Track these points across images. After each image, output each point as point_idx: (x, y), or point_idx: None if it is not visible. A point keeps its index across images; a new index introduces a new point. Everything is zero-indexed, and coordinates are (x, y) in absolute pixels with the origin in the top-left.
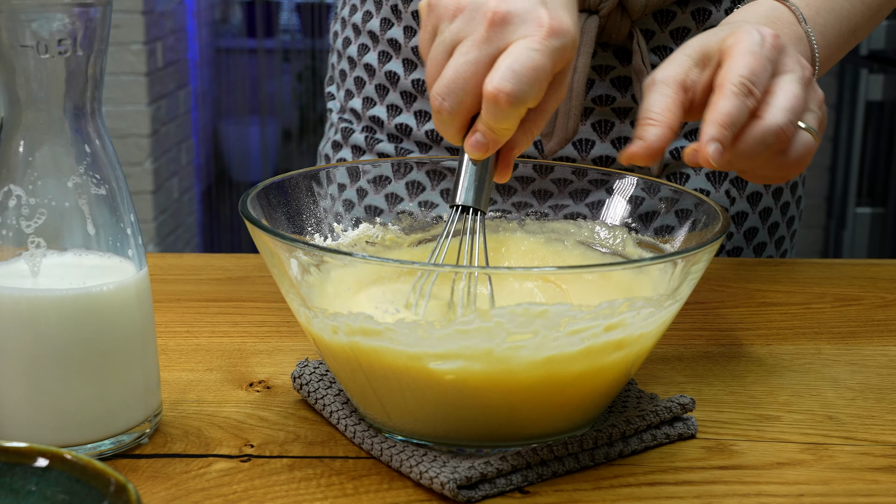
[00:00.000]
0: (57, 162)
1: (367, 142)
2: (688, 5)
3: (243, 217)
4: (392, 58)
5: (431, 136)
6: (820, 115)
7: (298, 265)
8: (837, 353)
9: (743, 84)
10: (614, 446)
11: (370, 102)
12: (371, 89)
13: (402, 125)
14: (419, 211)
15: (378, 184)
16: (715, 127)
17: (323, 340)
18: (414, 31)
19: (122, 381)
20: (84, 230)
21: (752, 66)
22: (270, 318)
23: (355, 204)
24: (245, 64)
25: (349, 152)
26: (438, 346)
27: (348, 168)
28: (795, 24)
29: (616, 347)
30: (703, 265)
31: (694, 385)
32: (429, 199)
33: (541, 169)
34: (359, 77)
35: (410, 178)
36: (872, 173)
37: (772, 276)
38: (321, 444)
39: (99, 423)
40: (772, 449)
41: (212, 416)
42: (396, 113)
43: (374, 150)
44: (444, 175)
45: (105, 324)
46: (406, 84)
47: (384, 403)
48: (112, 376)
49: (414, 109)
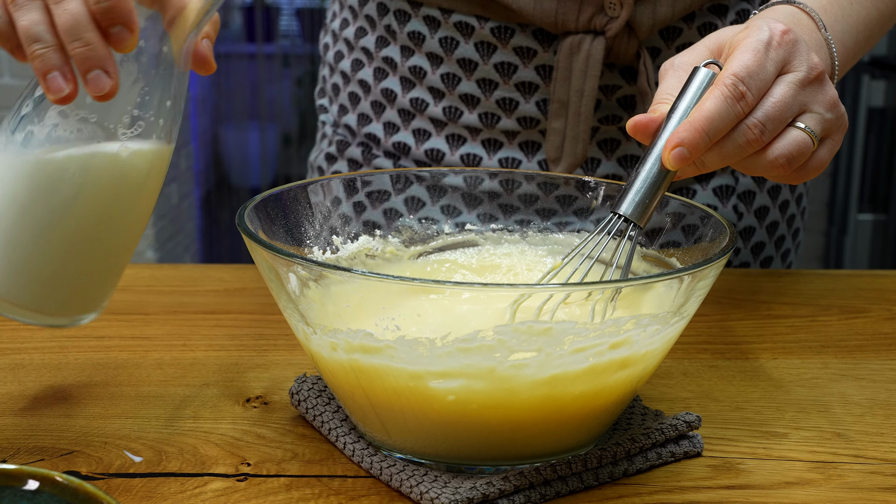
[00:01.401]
0: None
1: (364, 156)
2: (694, 20)
3: (240, 230)
4: (388, 75)
5: (431, 155)
6: (829, 116)
7: (297, 280)
8: (844, 367)
9: (734, 86)
10: (619, 465)
11: (366, 119)
12: (367, 106)
13: (400, 143)
14: (419, 225)
15: (375, 198)
16: (689, 130)
17: (322, 357)
18: (411, 51)
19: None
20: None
21: (749, 66)
22: (268, 331)
23: (353, 217)
24: (245, 69)
25: (345, 165)
26: (439, 364)
27: (345, 180)
28: (815, 30)
29: (621, 366)
30: (710, 281)
31: (699, 401)
32: (429, 215)
33: (545, 186)
34: (353, 93)
35: (410, 194)
36: (874, 180)
37: (777, 288)
38: (319, 463)
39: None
40: (779, 468)
41: (208, 434)
42: (394, 131)
43: (371, 164)
44: (446, 191)
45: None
46: (404, 102)
47: (384, 421)
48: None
49: (413, 128)
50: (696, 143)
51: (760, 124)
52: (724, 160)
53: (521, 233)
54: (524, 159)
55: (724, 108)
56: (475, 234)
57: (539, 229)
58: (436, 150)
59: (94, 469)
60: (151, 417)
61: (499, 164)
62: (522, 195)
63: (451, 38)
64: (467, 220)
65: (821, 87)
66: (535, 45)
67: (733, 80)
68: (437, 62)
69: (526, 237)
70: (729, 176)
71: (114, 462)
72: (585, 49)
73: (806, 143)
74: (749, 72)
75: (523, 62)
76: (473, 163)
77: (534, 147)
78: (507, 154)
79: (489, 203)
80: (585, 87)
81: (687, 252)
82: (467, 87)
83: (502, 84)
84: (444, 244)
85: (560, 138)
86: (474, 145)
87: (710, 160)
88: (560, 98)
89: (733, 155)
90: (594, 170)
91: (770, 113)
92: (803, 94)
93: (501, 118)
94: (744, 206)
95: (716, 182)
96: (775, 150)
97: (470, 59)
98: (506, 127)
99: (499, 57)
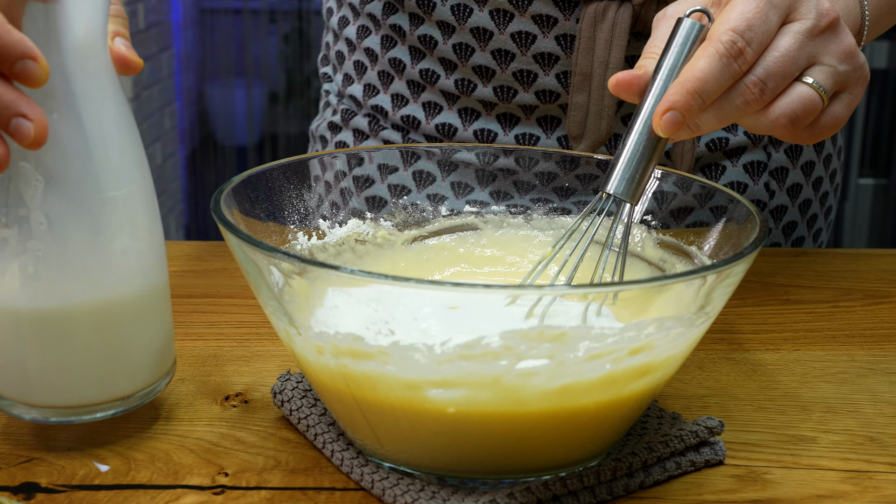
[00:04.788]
0: None
1: (371, 127)
2: None
3: (214, 217)
4: (396, 44)
5: (442, 130)
6: (842, 68)
7: (279, 272)
8: (872, 360)
9: (732, 42)
10: (634, 477)
11: (372, 90)
12: (373, 76)
13: (409, 117)
14: (413, 208)
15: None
16: (681, 93)
17: (307, 361)
18: (420, 18)
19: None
20: None
21: (749, 18)
22: (250, 317)
23: (348, 197)
24: (230, 25)
25: (350, 136)
26: (438, 373)
27: (348, 155)
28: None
29: (641, 373)
30: (737, 279)
31: (718, 399)
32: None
33: (564, 163)
34: (359, 61)
35: (418, 167)
36: (875, 144)
37: (794, 270)
38: (304, 473)
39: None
40: (809, 478)
41: (182, 438)
42: (402, 104)
43: (378, 136)
44: (457, 166)
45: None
46: (413, 73)
47: (376, 430)
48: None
49: (422, 101)
50: (689, 105)
51: (760, 82)
52: (721, 122)
53: (524, 216)
54: (542, 136)
55: (720, 67)
56: (475, 217)
57: (546, 212)
58: (448, 124)
59: (55, 480)
60: (120, 419)
61: (515, 140)
62: (539, 173)
63: (464, 5)
64: (478, 198)
65: (833, 36)
66: (556, 12)
67: (731, 35)
68: (449, 31)
69: (530, 220)
70: (761, 151)
71: (77, 471)
72: (611, 17)
73: (813, 100)
74: (749, 24)
75: (542, 31)
76: (488, 139)
77: (553, 123)
78: (525, 130)
79: (503, 180)
80: (611, 58)
81: (711, 237)
82: (481, 59)
83: (519, 55)
84: (441, 228)
85: (583, 114)
86: (489, 120)
87: (706, 122)
88: (583, 70)
89: (731, 116)
90: (618, 146)
91: (772, 69)
92: (811, 45)
93: (518, 92)
94: (776, 184)
95: (746, 158)
96: (776, 109)
97: (484, 29)
98: (523, 101)
99: (516, 26)
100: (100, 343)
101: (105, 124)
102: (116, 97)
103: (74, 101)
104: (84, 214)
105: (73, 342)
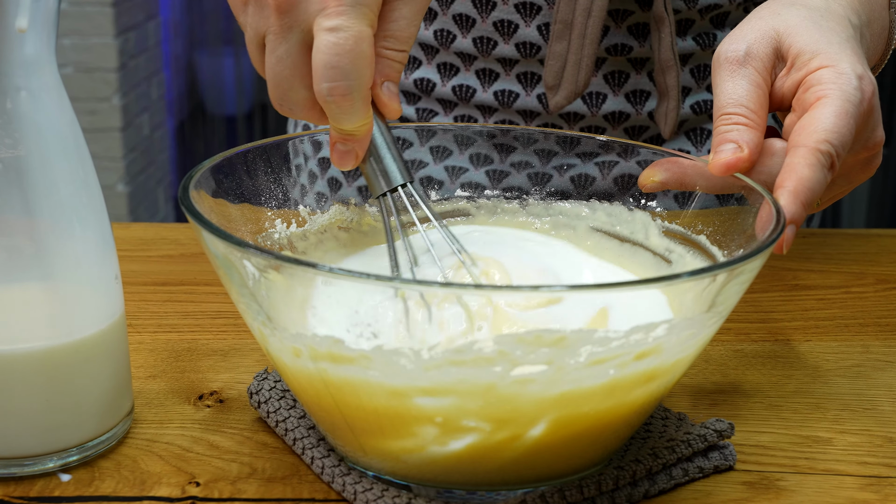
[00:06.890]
0: None
1: None
2: None
3: (182, 207)
4: None
5: (459, 93)
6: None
7: (253, 266)
8: (888, 350)
9: (829, 154)
10: (639, 486)
11: None
12: None
13: (423, 80)
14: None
15: None
16: (796, 204)
17: (283, 363)
18: None
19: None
20: None
21: (843, 133)
22: (228, 306)
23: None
24: None
25: None
26: (426, 379)
27: (322, 138)
28: (885, 8)
29: (647, 379)
30: (753, 274)
31: (726, 396)
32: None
33: (564, 142)
34: None
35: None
36: None
37: (802, 252)
38: (282, 482)
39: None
40: (826, 485)
41: (150, 443)
42: (414, 66)
43: None
44: (474, 140)
45: None
46: (427, 35)
47: (358, 436)
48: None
49: (437, 62)
50: (801, 217)
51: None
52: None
53: (520, 201)
54: (522, 92)
55: (821, 177)
56: (466, 202)
57: (542, 196)
58: (426, 79)
59: (11, 492)
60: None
61: (494, 97)
62: (541, 150)
63: None
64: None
65: (868, 164)
66: None
67: (829, 149)
68: None
69: (526, 206)
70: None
71: (36, 481)
72: None
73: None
74: (843, 142)
75: None
76: (466, 95)
77: (533, 79)
78: (504, 86)
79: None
80: (594, 6)
81: (722, 224)
82: (461, 6)
83: (500, 3)
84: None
85: (560, 63)
86: (468, 76)
87: None
88: (564, 18)
89: None
90: (599, 105)
91: (836, 196)
92: (856, 172)
93: (498, 43)
94: None
95: None
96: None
97: None
98: (502, 54)
99: None
100: (42, 391)
101: (48, 151)
102: (64, 118)
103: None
104: (23, 253)
105: (13, 389)
